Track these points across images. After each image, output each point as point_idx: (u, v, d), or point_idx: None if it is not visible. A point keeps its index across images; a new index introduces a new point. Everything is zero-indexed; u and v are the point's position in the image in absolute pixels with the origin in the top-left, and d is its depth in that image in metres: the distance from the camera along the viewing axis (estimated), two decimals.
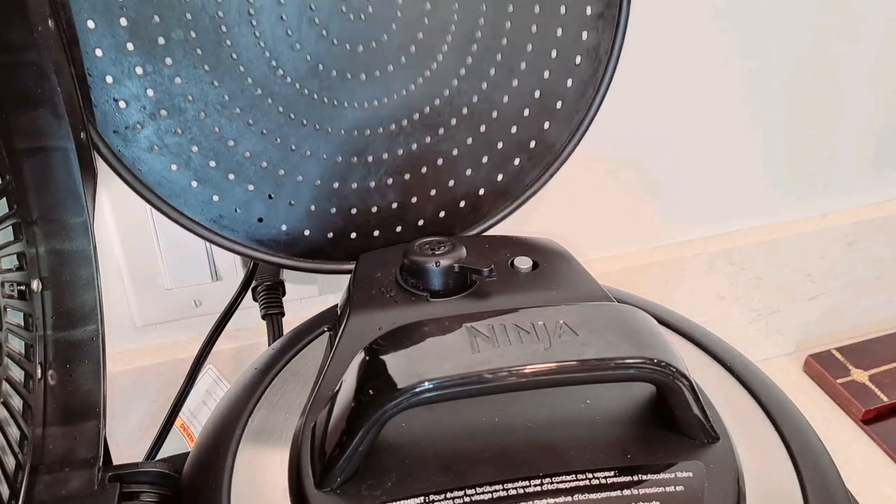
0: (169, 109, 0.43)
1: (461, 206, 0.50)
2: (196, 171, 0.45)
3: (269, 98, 0.44)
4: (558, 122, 0.50)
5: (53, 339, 0.38)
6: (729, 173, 0.72)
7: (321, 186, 0.47)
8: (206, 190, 0.45)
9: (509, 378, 0.31)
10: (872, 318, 0.86)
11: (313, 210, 0.48)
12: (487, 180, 0.50)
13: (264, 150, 0.45)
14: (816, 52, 0.68)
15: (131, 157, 0.43)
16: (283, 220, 0.47)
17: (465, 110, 0.48)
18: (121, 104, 0.42)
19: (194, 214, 0.46)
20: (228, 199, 0.46)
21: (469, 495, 0.31)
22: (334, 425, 0.33)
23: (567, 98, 0.49)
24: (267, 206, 0.47)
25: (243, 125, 0.44)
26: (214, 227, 0.46)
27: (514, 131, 0.49)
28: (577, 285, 0.43)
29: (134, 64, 0.42)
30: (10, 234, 0.36)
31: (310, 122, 0.45)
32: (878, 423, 0.75)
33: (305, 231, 0.48)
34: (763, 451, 0.36)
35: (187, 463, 0.38)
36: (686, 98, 0.66)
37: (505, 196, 0.51)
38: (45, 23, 0.36)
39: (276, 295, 0.56)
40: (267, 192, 0.46)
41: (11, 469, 0.33)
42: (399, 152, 0.48)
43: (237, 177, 0.46)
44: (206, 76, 0.43)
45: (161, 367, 0.61)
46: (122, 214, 0.55)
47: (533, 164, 0.51)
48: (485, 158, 0.49)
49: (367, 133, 0.47)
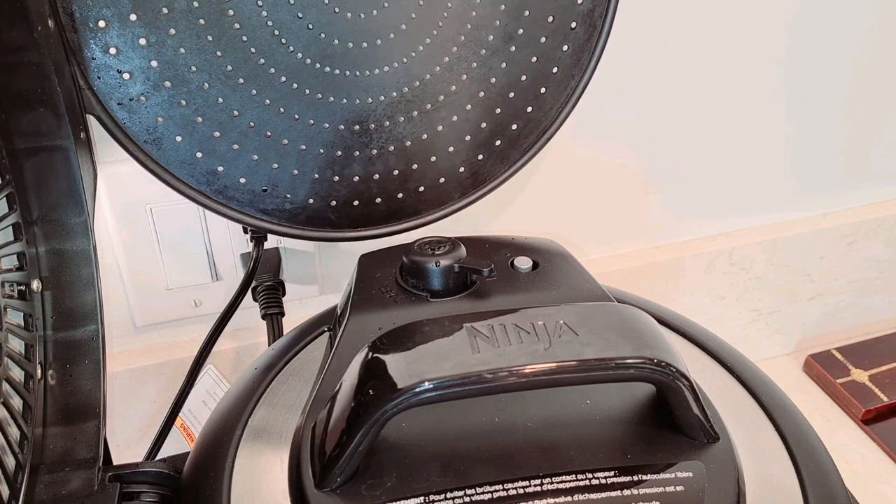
0: (173, 80, 0.43)
1: (461, 171, 0.51)
2: (201, 141, 0.45)
3: (272, 67, 0.44)
4: (554, 87, 0.50)
5: (53, 339, 0.38)
6: (729, 173, 0.72)
7: (324, 155, 0.48)
8: (211, 160, 0.46)
9: (509, 378, 0.31)
10: (872, 318, 0.86)
11: (316, 178, 0.48)
12: (486, 146, 0.51)
13: (268, 120, 0.46)
14: (817, 51, 0.68)
15: (136, 128, 0.44)
16: (287, 189, 0.48)
17: (464, 77, 0.48)
18: (125, 76, 0.42)
19: (199, 185, 0.46)
20: (233, 170, 0.46)
21: (469, 495, 0.31)
22: (334, 425, 0.33)
23: (563, 63, 0.50)
24: (271, 175, 0.47)
25: (247, 95, 0.45)
26: (219, 198, 0.47)
27: (512, 97, 0.50)
28: (577, 285, 0.43)
29: (137, 35, 0.42)
30: (10, 234, 0.36)
31: (312, 92, 0.46)
32: (878, 423, 0.75)
33: (309, 200, 0.49)
34: (763, 451, 0.36)
35: (187, 463, 0.38)
36: (686, 98, 0.66)
37: (503, 161, 0.52)
38: (45, 23, 0.36)
39: (276, 295, 0.56)
40: (271, 162, 0.47)
41: (11, 469, 0.33)
42: (400, 120, 0.48)
43: (241, 147, 0.46)
44: (210, 46, 0.43)
45: (161, 367, 0.61)
46: (122, 214, 0.55)
47: (530, 130, 0.51)
48: (483, 124, 0.50)
49: (370, 101, 0.47)
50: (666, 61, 0.63)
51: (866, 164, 0.77)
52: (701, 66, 0.65)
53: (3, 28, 0.35)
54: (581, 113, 0.63)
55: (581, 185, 0.67)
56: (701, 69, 0.65)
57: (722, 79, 0.66)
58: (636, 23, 0.60)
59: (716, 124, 0.68)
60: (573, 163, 0.66)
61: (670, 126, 0.67)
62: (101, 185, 0.50)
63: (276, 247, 0.59)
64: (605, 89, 0.63)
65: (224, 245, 0.58)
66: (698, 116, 0.67)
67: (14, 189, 0.37)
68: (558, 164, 0.65)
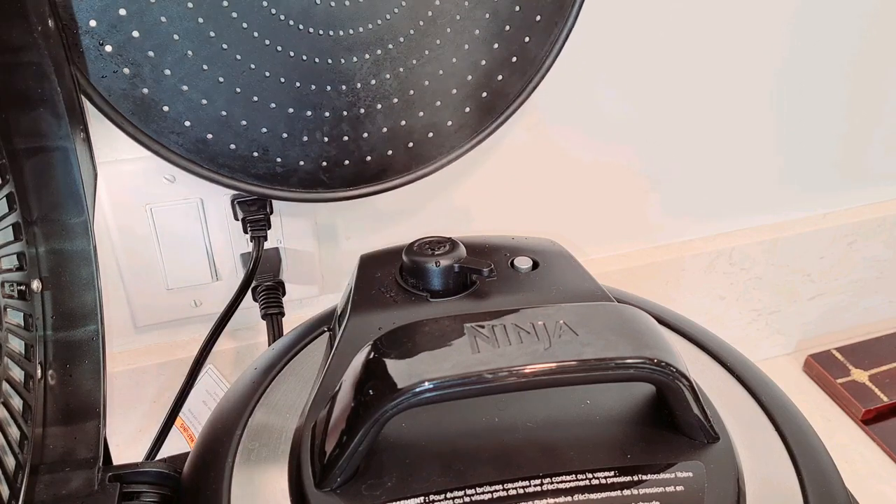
0: (155, 50, 0.43)
1: (448, 125, 0.52)
2: (188, 110, 0.45)
3: (255, 31, 0.44)
4: (538, 34, 0.51)
5: (53, 339, 0.38)
6: (729, 173, 0.72)
7: (313, 116, 0.48)
8: (200, 129, 0.46)
9: (509, 378, 0.31)
10: (872, 318, 0.86)
11: (306, 140, 0.48)
12: (473, 97, 0.51)
13: (254, 85, 0.46)
14: (817, 51, 0.68)
15: (121, 100, 0.44)
16: (278, 152, 0.48)
17: (448, 30, 0.48)
18: (106, 48, 0.42)
19: (190, 154, 0.46)
20: (223, 136, 0.47)
21: (469, 495, 0.31)
22: (334, 425, 0.33)
23: (545, 11, 0.50)
24: (261, 140, 0.48)
25: (231, 60, 0.45)
26: (211, 166, 0.47)
27: (496, 47, 0.50)
28: (577, 285, 0.43)
29: (118, 5, 0.42)
30: (10, 234, 0.36)
31: (297, 54, 0.46)
32: (878, 423, 0.75)
33: (300, 162, 0.49)
34: (763, 451, 0.36)
35: (187, 463, 0.38)
36: (685, 98, 0.66)
37: (491, 112, 0.52)
38: (45, 23, 0.36)
39: (276, 295, 0.56)
40: (260, 126, 0.47)
41: (11, 469, 0.33)
42: (386, 77, 0.48)
43: (229, 114, 0.46)
44: (190, 13, 0.43)
45: (161, 367, 0.61)
46: (122, 214, 0.55)
47: (516, 79, 0.52)
48: (469, 77, 0.51)
49: (355, 60, 0.47)
50: (666, 61, 0.63)
51: (866, 164, 0.77)
52: (701, 65, 0.65)
53: (3, 28, 0.35)
54: (581, 113, 0.63)
55: (581, 185, 0.67)
56: (701, 69, 0.65)
57: (722, 79, 0.66)
58: (636, 21, 0.60)
59: (716, 124, 0.68)
60: (573, 163, 0.66)
61: (670, 126, 0.67)
62: (101, 185, 0.50)
63: (276, 247, 0.59)
64: (605, 89, 0.63)
65: (224, 245, 0.58)
66: (698, 116, 0.67)
67: (14, 189, 0.37)
68: (558, 164, 0.65)
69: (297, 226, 0.59)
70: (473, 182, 0.63)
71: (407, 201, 0.62)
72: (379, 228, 0.63)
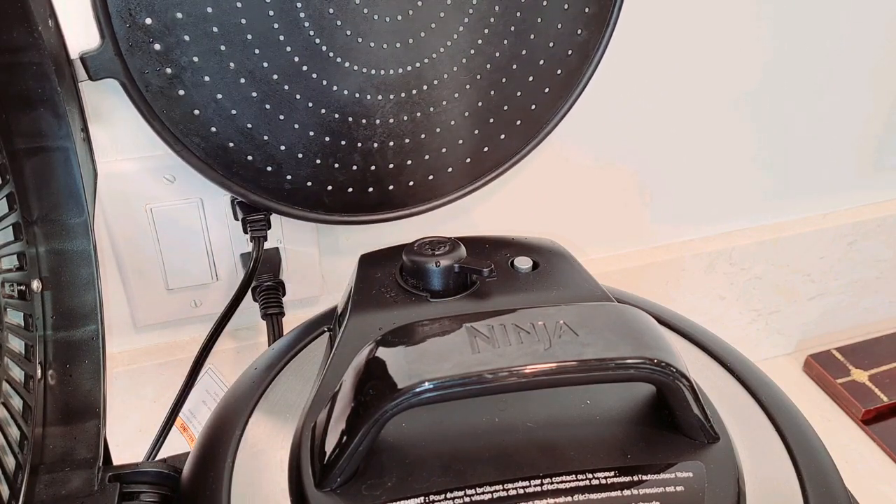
0: (201, 56, 0.45)
1: (449, 171, 0.55)
2: (218, 117, 0.47)
3: (297, 56, 0.47)
4: (545, 103, 0.55)
5: (53, 339, 0.38)
6: (729, 173, 0.72)
7: (329, 143, 0.50)
8: (224, 136, 0.48)
9: (509, 378, 0.31)
10: (872, 318, 0.86)
11: (318, 164, 0.51)
12: (475, 150, 0.55)
13: (283, 105, 0.48)
14: (816, 51, 0.68)
15: (159, 100, 0.46)
16: (290, 170, 0.51)
17: (467, 86, 0.52)
18: (155, 46, 0.44)
19: (209, 159, 0.49)
20: (244, 147, 0.49)
21: (469, 495, 0.31)
22: (334, 425, 0.33)
23: (555, 85, 0.54)
24: (277, 156, 0.50)
25: (268, 79, 0.47)
26: (225, 172, 0.50)
27: (506, 109, 0.54)
28: (577, 285, 0.43)
29: (177, 9, 0.43)
30: (10, 234, 0.36)
31: (329, 83, 0.49)
32: (878, 423, 0.75)
33: (308, 182, 0.51)
34: (763, 451, 0.36)
35: (187, 463, 0.38)
36: (686, 98, 0.66)
37: (488, 165, 0.56)
38: (45, 23, 0.36)
39: (276, 295, 0.56)
40: (280, 144, 0.49)
41: (11, 469, 0.33)
42: (404, 118, 0.51)
43: (254, 127, 0.48)
44: (242, 28, 0.45)
45: (161, 367, 0.61)
46: (122, 214, 0.55)
47: (517, 139, 0.56)
48: (476, 131, 0.54)
49: (380, 98, 0.50)
50: (666, 60, 0.63)
51: (866, 163, 0.77)
52: (701, 66, 0.65)
53: (3, 28, 0.35)
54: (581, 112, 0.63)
55: (581, 185, 0.67)
56: (701, 69, 0.65)
57: (722, 79, 0.66)
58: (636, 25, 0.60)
59: (716, 124, 0.68)
60: (573, 163, 0.66)
61: (670, 126, 0.67)
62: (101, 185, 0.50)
63: (276, 247, 0.59)
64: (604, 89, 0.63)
65: (224, 245, 0.58)
66: (698, 116, 0.67)
67: (14, 189, 0.37)
68: (558, 164, 0.65)
69: (297, 226, 0.59)
70: None
71: None
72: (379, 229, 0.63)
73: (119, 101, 0.51)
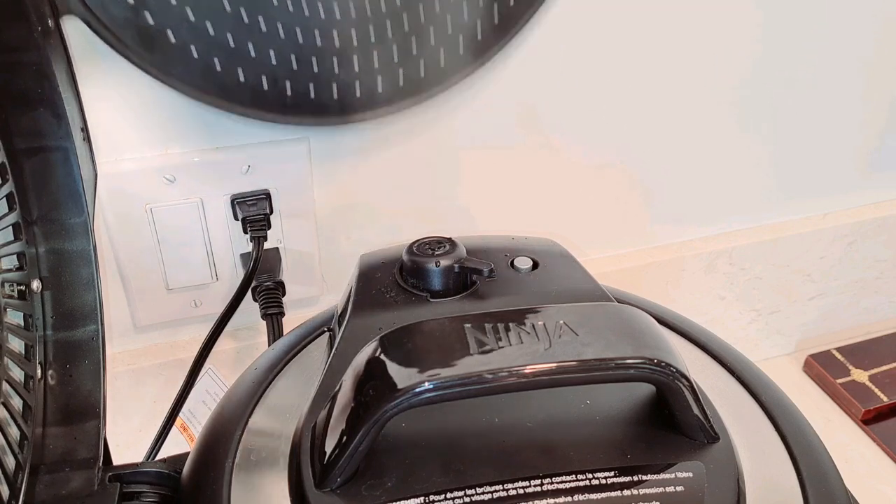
0: None
1: (459, 52, 0.53)
2: (196, 39, 0.46)
3: None
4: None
5: (53, 339, 0.38)
6: (729, 173, 0.72)
7: (323, 46, 0.49)
8: (208, 58, 0.47)
9: (509, 378, 0.31)
10: (872, 318, 0.86)
11: (317, 72, 0.49)
12: (466, 32, 0.53)
13: (262, 13, 0.46)
14: (816, 51, 0.68)
15: (128, 31, 0.45)
16: (289, 82, 0.49)
17: None
18: None
19: (201, 84, 0.48)
20: (231, 66, 0.48)
21: (469, 495, 0.31)
22: (334, 425, 0.33)
23: None
24: (270, 70, 0.48)
25: None
26: (223, 95, 0.49)
27: None
28: (577, 285, 0.43)
29: None
30: (10, 234, 0.36)
31: None
32: (878, 423, 0.75)
33: (311, 94, 0.50)
34: (763, 451, 0.36)
35: (187, 463, 0.38)
36: (686, 97, 0.66)
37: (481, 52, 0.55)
38: (45, 23, 0.36)
39: (276, 295, 0.56)
40: (268, 57, 0.48)
41: (11, 469, 0.33)
42: (397, 2, 0.49)
43: (237, 43, 0.47)
44: None
45: (161, 367, 0.61)
46: (122, 214, 0.55)
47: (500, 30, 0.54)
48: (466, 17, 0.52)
49: None
50: (666, 60, 0.63)
51: (866, 163, 0.77)
52: (701, 66, 0.65)
53: (3, 28, 0.35)
54: (581, 113, 0.63)
55: (581, 185, 0.67)
56: (701, 69, 0.65)
57: (722, 79, 0.66)
58: (637, 24, 0.60)
59: (716, 124, 0.68)
60: (573, 163, 0.66)
61: (670, 126, 0.67)
62: (101, 185, 0.50)
63: (276, 247, 0.59)
64: (605, 89, 0.63)
65: (224, 245, 0.58)
66: (698, 116, 0.67)
67: (14, 189, 0.37)
68: (558, 164, 0.65)
69: (297, 226, 0.59)
70: (473, 182, 0.63)
71: (407, 201, 0.62)
72: (379, 228, 0.63)
73: (119, 100, 0.51)
